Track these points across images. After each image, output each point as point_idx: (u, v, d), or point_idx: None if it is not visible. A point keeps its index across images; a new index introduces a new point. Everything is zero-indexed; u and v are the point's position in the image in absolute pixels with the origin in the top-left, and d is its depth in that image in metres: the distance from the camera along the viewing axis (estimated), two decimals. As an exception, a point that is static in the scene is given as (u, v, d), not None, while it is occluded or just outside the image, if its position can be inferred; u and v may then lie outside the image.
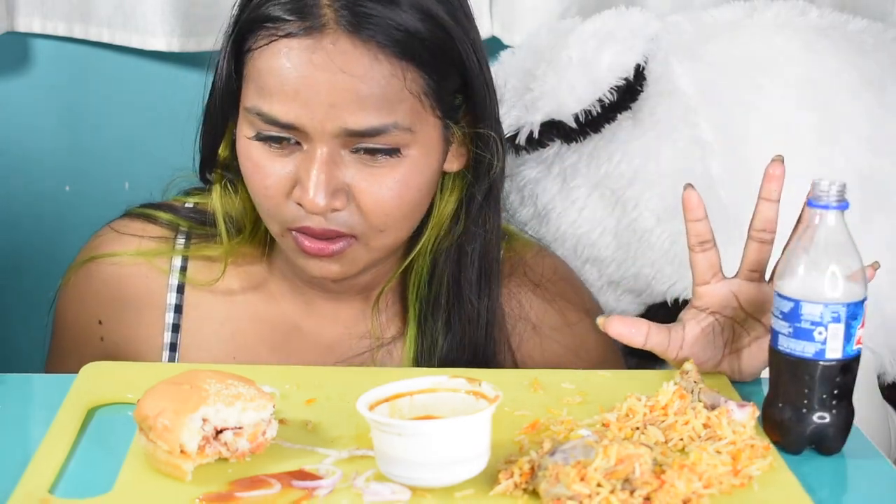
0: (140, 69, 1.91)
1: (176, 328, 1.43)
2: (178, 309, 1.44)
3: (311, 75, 1.26)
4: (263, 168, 1.31)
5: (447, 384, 1.11)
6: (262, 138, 1.30)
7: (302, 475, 1.08)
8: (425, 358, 1.41)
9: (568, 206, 1.70)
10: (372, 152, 1.29)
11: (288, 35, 1.27)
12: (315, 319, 1.44)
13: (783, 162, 1.23)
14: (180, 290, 1.44)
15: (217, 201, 1.41)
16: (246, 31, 1.31)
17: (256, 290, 1.45)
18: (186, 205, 1.47)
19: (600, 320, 1.27)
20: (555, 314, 1.47)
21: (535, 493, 1.05)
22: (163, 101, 1.92)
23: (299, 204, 1.30)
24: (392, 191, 1.30)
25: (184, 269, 1.44)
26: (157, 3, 1.83)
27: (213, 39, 1.84)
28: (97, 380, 1.25)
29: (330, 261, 1.33)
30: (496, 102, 1.40)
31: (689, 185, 1.25)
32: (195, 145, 1.40)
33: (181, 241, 1.45)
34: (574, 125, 1.65)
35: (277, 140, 1.30)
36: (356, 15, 1.27)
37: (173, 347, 1.43)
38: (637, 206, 1.66)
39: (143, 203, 1.49)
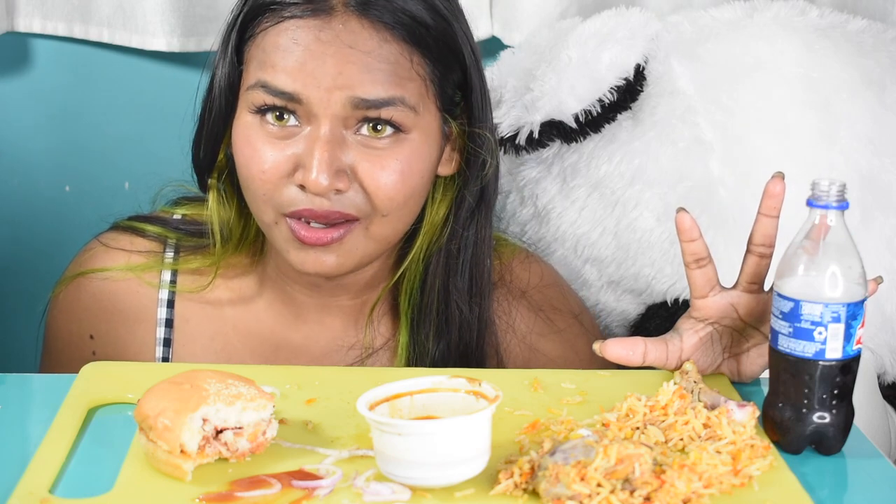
0: (140, 69, 1.91)
1: (167, 343, 1.43)
2: (169, 323, 1.44)
3: (318, 49, 1.28)
4: (261, 151, 1.30)
5: (447, 384, 1.11)
6: (263, 111, 1.30)
7: (302, 475, 1.08)
8: (417, 365, 1.41)
9: (568, 206, 1.70)
10: (376, 127, 1.29)
11: (294, 16, 1.28)
12: (304, 331, 1.44)
13: (783, 179, 1.23)
14: (170, 304, 1.44)
15: (213, 207, 1.41)
16: (248, 21, 1.32)
17: (245, 303, 1.44)
18: (175, 216, 1.47)
19: (596, 346, 1.26)
20: (542, 322, 1.47)
21: (535, 493, 1.05)
22: (163, 101, 1.92)
23: (301, 187, 1.29)
24: (395, 173, 1.30)
25: (174, 282, 1.44)
26: (157, 3, 1.84)
27: (213, 39, 1.84)
28: (97, 380, 1.25)
29: (325, 251, 1.32)
30: (490, 107, 1.40)
31: (681, 209, 1.24)
32: (191, 152, 1.40)
33: (170, 254, 1.44)
34: (574, 125, 1.65)
35: (279, 112, 1.29)
36: None
37: (165, 362, 1.43)
38: (637, 206, 1.66)
39: (131, 215, 1.49)
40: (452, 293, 1.40)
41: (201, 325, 1.44)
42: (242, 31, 1.33)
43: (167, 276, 1.44)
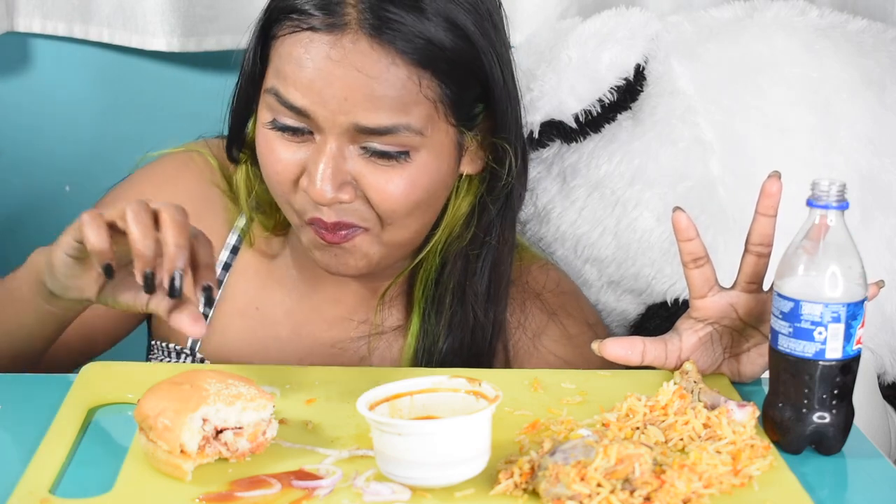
0: (140, 69, 1.91)
1: (218, 284, 1.45)
2: (227, 267, 1.47)
3: (326, 69, 1.28)
4: (276, 153, 1.33)
5: (447, 384, 1.11)
6: (278, 127, 1.32)
7: (302, 475, 1.08)
8: (425, 356, 1.41)
9: (568, 206, 1.70)
10: (380, 154, 1.30)
11: (311, 28, 1.29)
12: (320, 297, 1.46)
13: (780, 178, 1.23)
14: (234, 251, 1.47)
15: (241, 179, 1.43)
16: (273, 20, 1.33)
17: (278, 258, 1.47)
18: None
19: (595, 345, 1.27)
20: (554, 326, 1.47)
21: (535, 493, 1.05)
22: (163, 101, 1.92)
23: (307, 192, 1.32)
24: (399, 188, 1.31)
25: (243, 229, 1.47)
26: (157, 3, 1.84)
27: (213, 39, 1.85)
28: (97, 380, 1.25)
29: (343, 253, 1.34)
30: (519, 113, 1.40)
31: (677, 208, 1.25)
32: (224, 123, 1.42)
33: (252, 202, 1.46)
34: (574, 125, 1.65)
35: (292, 130, 1.31)
36: (380, 19, 1.28)
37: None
38: (637, 206, 1.66)
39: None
40: (469, 296, 1.41)
41: (250, 263, 1.47)
42: (268, 28, 1.34)
43: (241, 221, 1.47)
